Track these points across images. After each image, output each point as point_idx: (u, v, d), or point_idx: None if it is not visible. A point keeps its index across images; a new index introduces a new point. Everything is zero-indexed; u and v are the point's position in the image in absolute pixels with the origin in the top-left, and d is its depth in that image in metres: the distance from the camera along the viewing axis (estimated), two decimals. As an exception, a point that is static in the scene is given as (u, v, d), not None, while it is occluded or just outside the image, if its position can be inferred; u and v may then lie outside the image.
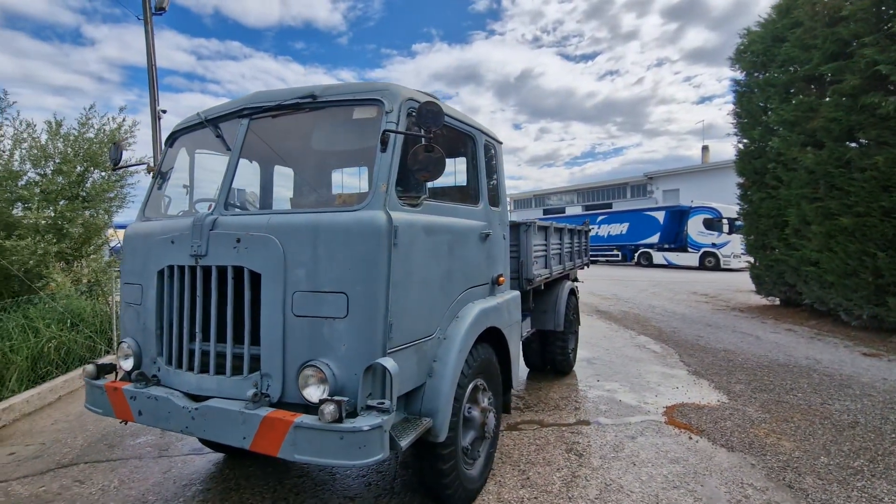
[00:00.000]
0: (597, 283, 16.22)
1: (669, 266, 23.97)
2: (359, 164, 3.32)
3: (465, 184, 3.38)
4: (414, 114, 2.33)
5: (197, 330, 2.41)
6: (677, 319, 9.37)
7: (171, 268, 2.51)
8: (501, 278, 3.42)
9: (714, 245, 22.17)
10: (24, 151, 8.16)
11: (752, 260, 11.12)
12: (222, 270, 2.36)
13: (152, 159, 9.21)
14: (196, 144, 3.15)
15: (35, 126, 8.27)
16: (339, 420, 1.97)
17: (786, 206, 9.00)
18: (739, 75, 10.41)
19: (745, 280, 12.87)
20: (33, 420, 4.59)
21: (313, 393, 2.12)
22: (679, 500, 2.98)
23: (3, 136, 8.14)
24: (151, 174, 3.16)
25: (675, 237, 24.65)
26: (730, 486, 3.13)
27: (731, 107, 10.69)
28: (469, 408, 2.87)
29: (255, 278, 2.28)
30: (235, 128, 2.69)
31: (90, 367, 2.68)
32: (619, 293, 13.63)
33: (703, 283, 16.27)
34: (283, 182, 3.83)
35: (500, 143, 3.74)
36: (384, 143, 2.34)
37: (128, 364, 2.68)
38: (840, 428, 4.07)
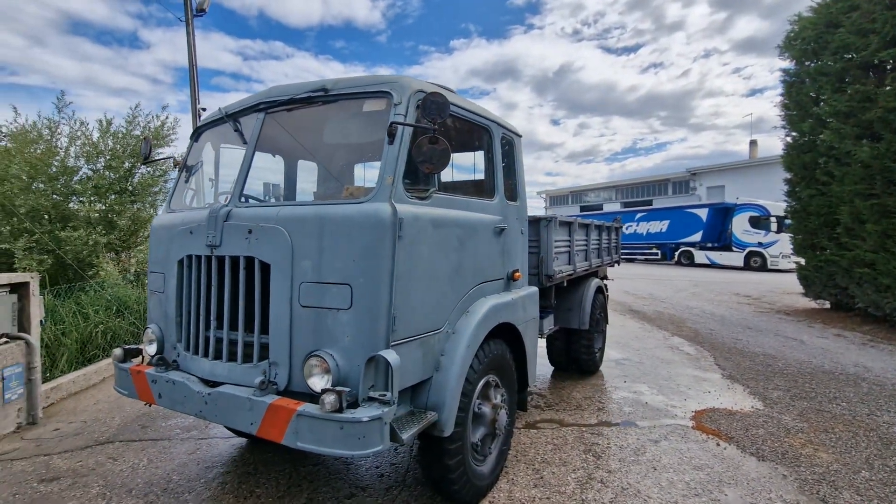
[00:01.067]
0: (633, 282, 15.75)
1: (712, 266, 22.97)
2: (371, 157, 3.33)
3: (481, 177, 3.34)
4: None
5: (212, 318, 2.49)
6: (715, 321, 8.96)
7: (189, 257, 2.60)
8: (517, 274, 3.36)
9: (760, 244, 21.07)
10: (77, 148, 8.71)
11: (801, 260, 10.49)
12: (235, 260, 2.43)
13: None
14: (220, 139, 3.25)
15: (88, 125, 8.83)
16: (340, 410, 1.99)
17: (837, 203, 8.43)
18: (789, 65, 9.80)
19: (793, 282, 12.13)
20: (78, 399, 4.90)
21: (317, 382, 2.15)
22: (699, 508, 2.85)
23: (60, 134, 8.72)
24: (177, 168, 3.28)
25: (718, 236, 23.59)
26: (756, 497, 2.97)
27: (782, 99, 10.07)
28: (479, 404, 2.84)
29: (266, 268, 2.33)
30: (253, 122, 2.75)
31: (118, 351, 2.83)
32: (656, 292, 13.17)
33: (748, 284, 15.50)
34: (310, 176, 3.91)
35: (520, 136, 3.67)
36: (391, 136, 2.33)
37: (152, 349, 2.81)
38: (887, 441, 3.77)
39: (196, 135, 3.28)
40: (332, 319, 2.19)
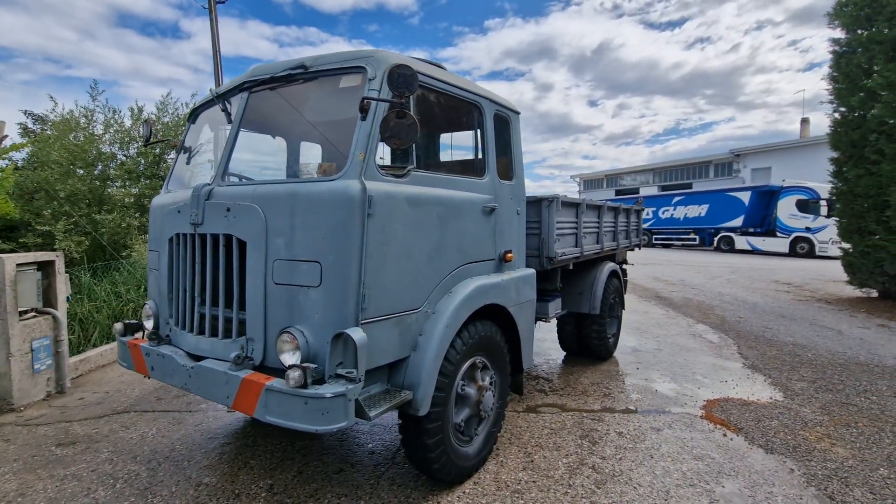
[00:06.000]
0: (665, 268, 15.22)
1: (754, 252, 21.87)
2: (349, 134, 3.29)
3: (472, 155, 3.25)
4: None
5: (196, 294, 2.56)
6: (746, 309, 8.54)
7: (177, 235, 2.67)
8: (510, 255, 3.28)
9: (808, 229, 19.85)
10: (112, 135, 9.12)
11: (847, 246, 9.81)
12: (216, 238, 2.47)
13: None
14: (218, 120, 3.29)
15: (120, 112, 9.20)
16: (304, 386, 2.01)
17: (888, 183, 7.80)
18: (839, 34, 9.04)
19: (842, 269, 11.40)
20: (105, 372, 5.21)
21: (288, 358, 2.17)
22: (691, 499, 2.74)
23: (95, 122, 9.14)
24: (175, 150, 3.36)
25: (761, 220, 22.39)
26: (754, 490, 2.82)
27: (830, 72, 9.30)
28: (463, 385, 2.81)
29: (243, 246, 2.36)
30: (238, 102, 2.77)
31: (119, 326, 2.96)
32: (688, 279, 12.68)
33: (790, 271, 14.67)
34: (314, 156, 3.92)
35: (517, 113, 3.54)
36: (364, 111, 2.29)
37: (149, 324, 2.92)
38: (916, 438, 3.50)
39: (193, 116, 3.34)
40: (303, 296, 2.20)
